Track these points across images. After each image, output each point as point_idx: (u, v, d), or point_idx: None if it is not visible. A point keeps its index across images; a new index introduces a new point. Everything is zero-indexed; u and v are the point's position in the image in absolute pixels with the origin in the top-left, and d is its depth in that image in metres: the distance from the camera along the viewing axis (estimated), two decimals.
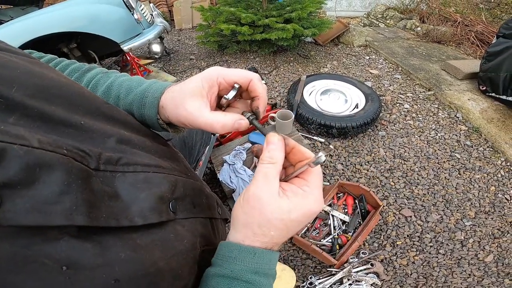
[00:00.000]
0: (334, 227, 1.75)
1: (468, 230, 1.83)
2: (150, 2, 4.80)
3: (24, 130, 0.23)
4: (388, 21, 5.19)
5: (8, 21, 2.73)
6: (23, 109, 0.25)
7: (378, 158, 2.29)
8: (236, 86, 0.39)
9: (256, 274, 0.34)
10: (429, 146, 2.39)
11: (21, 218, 0.21)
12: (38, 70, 0.30)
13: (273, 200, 0.33)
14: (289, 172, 0.39)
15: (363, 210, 1.78)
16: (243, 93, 0.42)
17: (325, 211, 1.79)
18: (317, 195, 0.36)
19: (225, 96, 0.39)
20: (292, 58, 3.71)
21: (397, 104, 2.84)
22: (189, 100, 0.38)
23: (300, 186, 0.36)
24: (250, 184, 0.36)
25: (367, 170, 2.19)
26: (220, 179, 1.83)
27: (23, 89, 0.26)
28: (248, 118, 0.41)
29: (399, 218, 1.89)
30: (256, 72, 3.37)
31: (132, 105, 0.42)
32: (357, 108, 2.55)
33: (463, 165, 2.22)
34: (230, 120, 0.38)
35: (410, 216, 1.89)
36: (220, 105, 0.42)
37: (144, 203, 0.31)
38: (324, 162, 0.35)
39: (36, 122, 0.26)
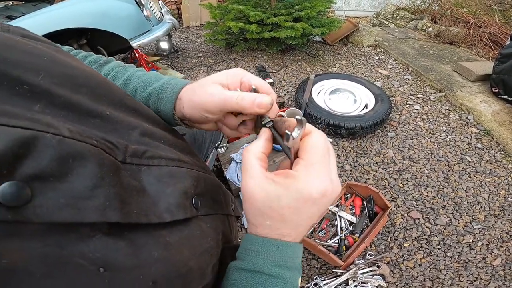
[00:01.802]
0: (341, 228, 1.73)
1: (477, 233, 1.80)
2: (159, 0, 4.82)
3: (52, 119, 0.22)
4: (398, 21, 5.12)
5: (20, 17, 2.77)
6: (49, 97, 0.24)
7: (387, 159, 2.26)
8: (253, 87, 0.39)
9: (279, 267, 0.32)
10: (439, 148, 2.35)
11: (54, 214, 0.19)
12: (63, 59, 0.29)
13: (259, 189, 0.31)
14: None
15: (371, 212, 1.76)
16: None
17: (332, 212, 1.78)
18: (313, 175, 0.31)
19: (238, 89, 0.40)
20: (300, 57, 3.69)
21: (407, 105, 2.81)
22: (209, 85, 0.38)
23: (294, 167, 0.32)
24: None
25: (376, 171, 2.17)
26: (227, 177, 1.83)
27: (50, 77, 0.25)
28: (267, 122, 0.36)
29: (407, 220, 1.87)
30: (264, 71, 3.36)
31: (149, 99, 0.42)
32: (367, 108, 2.53)
33: (473, 168, 2.19)
34: (250, 94, 0.36)
35: (419, 219, 1.87)
36: None
37: (170, 199, 0.30)
38: (292, 137, 0.30)
39: (62, 111, 0.24)
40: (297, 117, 0.32)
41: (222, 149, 2.01)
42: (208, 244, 0.33)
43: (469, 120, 2.60)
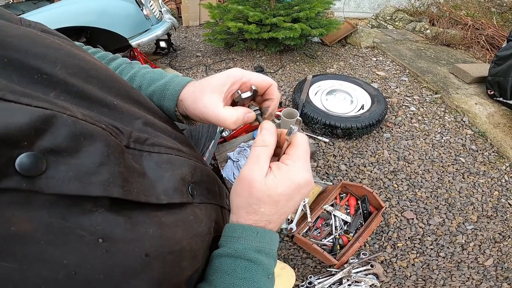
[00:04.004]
0: (335, 227, 1.75)
1: (469, 233, 1.82)
2: None
3: (67, 104, 0.25)
4: (396, 23, 5.15)
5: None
6: (64, 86, 0.27)
7: (382, 160, 2.28)
8: (253, 88, 0.42)
9: (258, 252, 0.35)
10: (434, 149, 2.38)
11: (63, 186, 0.21)
12: (78, 53, 0.32)
13: (261, 180, 0.35)
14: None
15: (365, 211, 1.79)
16: (257, 97, 0.45)
17: (327, 211, 1.80)
18: (300, 166, 0.36)
19: (239, 91, 0.42)
20: (298, 58, 3.71)
21: (403, 107, 2.83)
22: (208, 95, 0.40)
23: (284, 161, 0.37)
24: (243, 166, 0.37)
25: (371, 172, 2.19)
26: (224, 175, 1.85)
27: (66, 68, 0.28)
28: (254, 111, 0.43)
29: (401, 220, 1.89)
30: (262, 71, 3.38)
31: (153, 96, 0.45)
32: (363, 109, 2.55)
33: (467, 169, 2.21)
34: (241, 114, 0.40)
35: (412, 219, 1.89)
36: (234, 102, 0.44)
37: (168, 183, 0.32)
38: (294, 131, 0.36)
39: (74, 98, 0.27)
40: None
41: (226, 132, 2.09)
42: (200, 229, 0.35)
43: (464, 121, 2.63)
